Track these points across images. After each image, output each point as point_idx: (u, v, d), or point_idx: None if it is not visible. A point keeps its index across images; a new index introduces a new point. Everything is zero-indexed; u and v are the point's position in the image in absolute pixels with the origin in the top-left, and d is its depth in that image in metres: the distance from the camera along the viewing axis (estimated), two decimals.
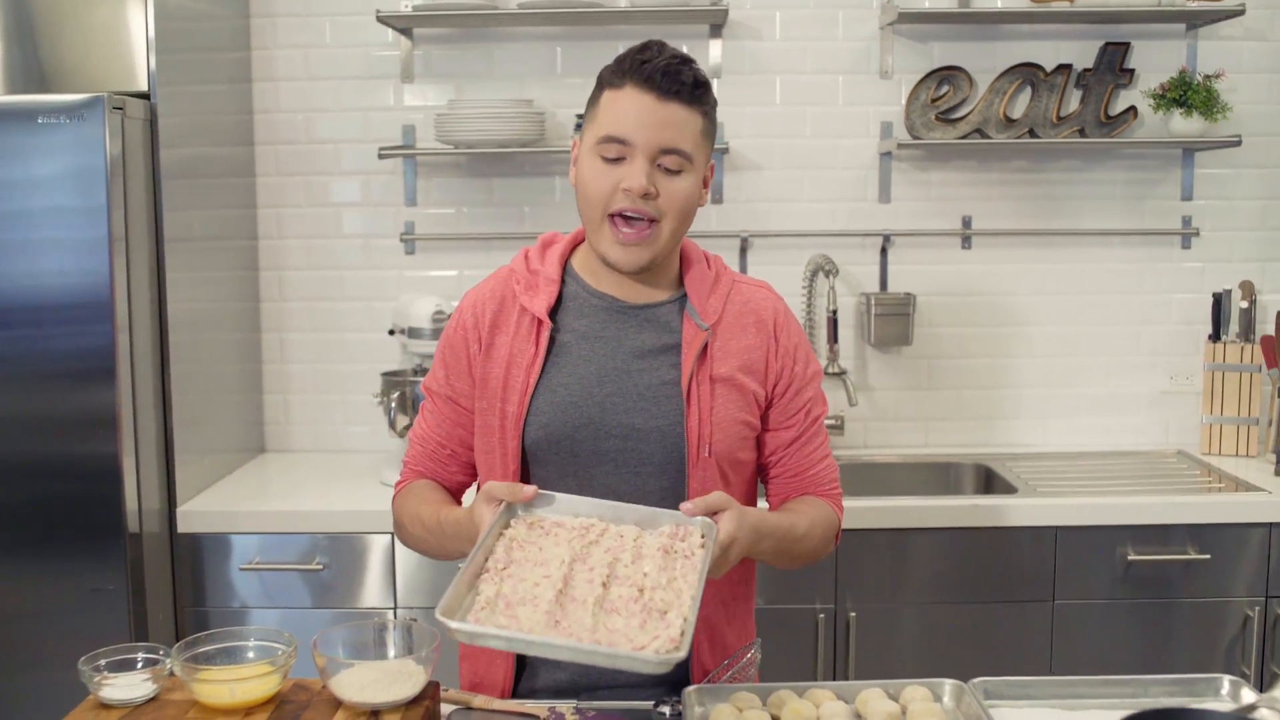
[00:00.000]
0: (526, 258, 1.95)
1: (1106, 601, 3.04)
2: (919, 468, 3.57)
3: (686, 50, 3.28)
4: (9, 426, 2.85)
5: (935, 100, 3.51)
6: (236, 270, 3.54)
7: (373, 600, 3.05)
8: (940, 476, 3.56)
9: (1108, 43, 3.49)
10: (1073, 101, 3.52)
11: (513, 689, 1.91)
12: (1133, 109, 3.49)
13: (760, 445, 1.94)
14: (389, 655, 1.71)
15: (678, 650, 1.43)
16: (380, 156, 3.51)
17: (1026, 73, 3.49)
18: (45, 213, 2.80)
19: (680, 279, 1.93)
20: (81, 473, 2.86)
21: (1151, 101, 3.44)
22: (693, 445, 1.83)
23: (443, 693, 1.75)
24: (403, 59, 3.57)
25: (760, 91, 3.57)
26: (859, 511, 3.02)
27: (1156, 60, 3.53)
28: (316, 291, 3.67)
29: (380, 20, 3.40)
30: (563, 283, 1.92)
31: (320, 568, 3.04)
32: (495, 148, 3.39)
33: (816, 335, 3.55)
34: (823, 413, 1.97)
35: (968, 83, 3.51)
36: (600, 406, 1.84)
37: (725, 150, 3.53)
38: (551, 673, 1.91)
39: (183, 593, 3.08)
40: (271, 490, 3.34)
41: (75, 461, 2.85)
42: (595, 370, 1.85)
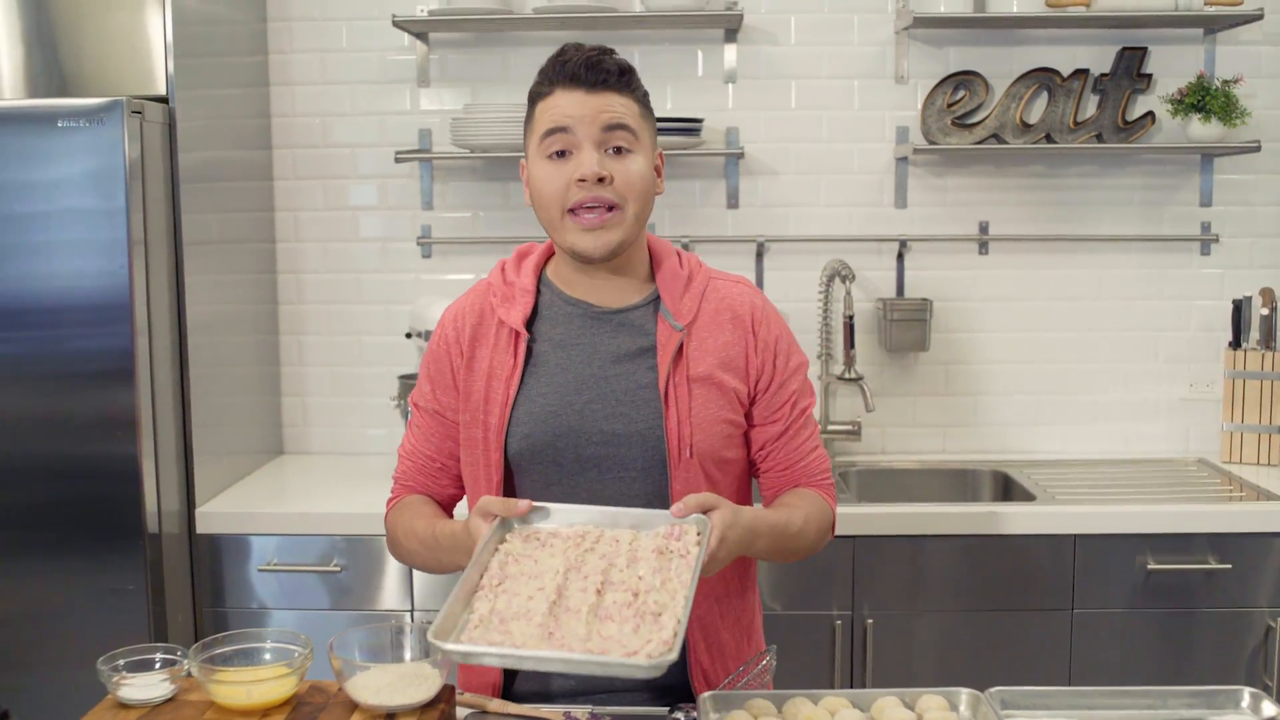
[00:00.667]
0: (503, 270, 1.96)
1: (1126, 611, 3.03)
2: (936, 474, 3.56)
3: (701, 56, 3.27)
4: (29, 427, 2.86)
5: (951, 105, 3.51)
6: (254, 273, 3.55)
7: (390, 603, 3.05)
8: (958, 483, 3.55)
9: (1125, 47, 3.48)
10: (1090, 107, 3.51)
11: (504, 688, 1.93)
12: (1150, 114, 3.48)
13: (748, 441, 1.94)
14: (405, 658, 1.71)
15: (670, 653, 1.44)
16: (397, 160, 3.52)
17: (1043, 78, 3.48)
18: (65, 215, 2.81)
19: (653, 279, 1.93)
20: (101, 474, 2.87)
21: (1169, 107, 3.43)
22: (673, 447, 1.83)
23: (458, 696, 1.75)
24: (419, 63, 3.58)
25: (775, 96, 3.57)
26: (876, 518, 3.02)
27: (1174, 65, 3.52)
28: (334, 294, 3.68)
29: (396, 25, 3.41)
30: (539, 293, 1.93)
31: (338, 569, 3.04)
32: (511, 151, 3.40)
33: (833, 341, 3.54)
34: (810, 404, 1.96)
35: (984, 88, 3.51)
36: (580, 414, 1.85)
37: (740, 155, 3.53)
38: (547, 678, 1.92)
39: (201, 593, 3.09)
40: (289, 492, 3.35)
41: (94, 462, 2.87)
42: (574, 378, 1.86)
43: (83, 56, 3.06)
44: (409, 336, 3.41)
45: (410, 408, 2.01)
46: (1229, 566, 3.01)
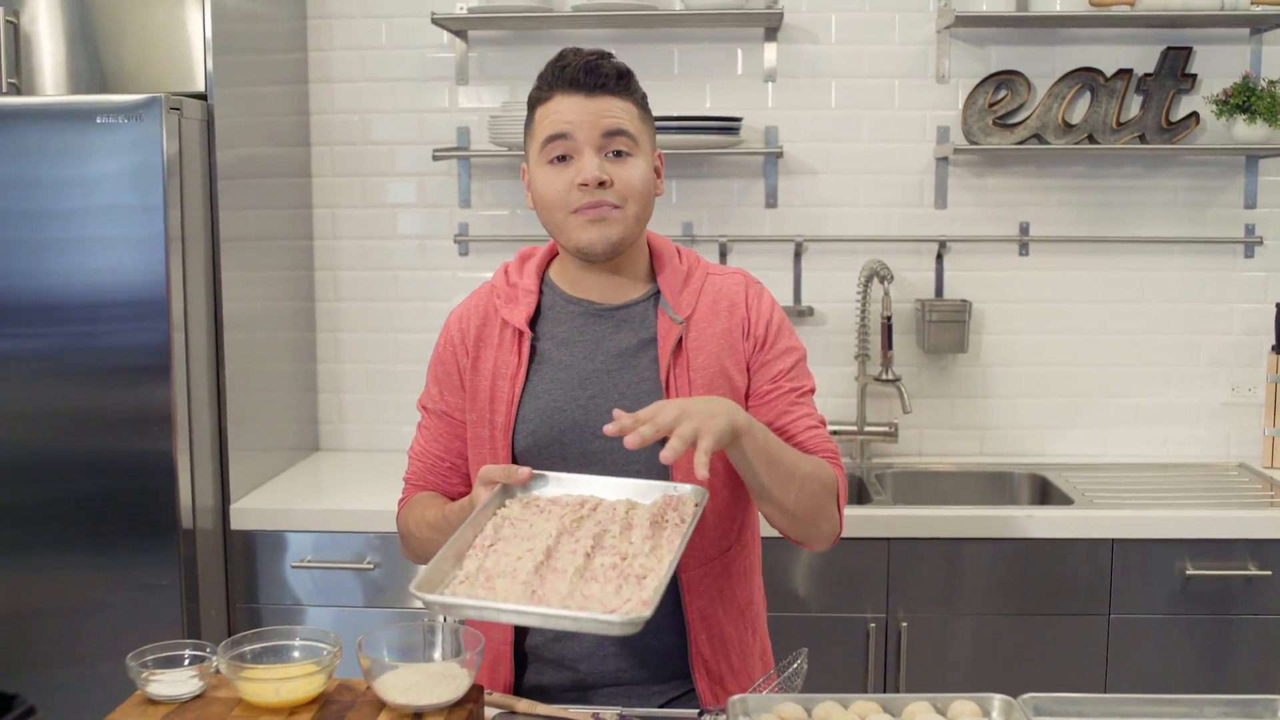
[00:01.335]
0: (506, 272, 2.01)
1: (1164, 617, 2.99)
2: (973, 477, 3.53)
3: (741, 55, 3.26)
4: (66, 422, 2.88)
5: (993, 105, 3.47)
6: (292, 270, 3.56)
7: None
8: (995, 486, 3.52)
9: (1169, 47, 3.44)
10: (1133, 107, 3.47)
11: (514, 688, 1.95)
12: (1195, 115, 3.44)
13: None
14: (434, 657, 1.71)
15: (645, 609, 1.45)
16: (435, 158, 3.53)
17: (1086, 77, 3.45)
18: (103, 211, 2.83)
19: (652, 276, 1.96)
20: (136, 469, 2.89)
21: (1214, 107, 3.38)
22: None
23: (486, 696, 1.75)
24: (458, 61, 3.58)
25: (815, 95, 3.55)
26: (912, 520, 2.99)
27: (1219, 65, 3.47)
28: (371, 292, 3.69)
29: (435, 22, 3.41)
30: (541, 293, 1.96)
31: (371, 567, 3.05)
32: None
33: (871, 342, 3.52)
34: (807, 388, 1.95)
35: (1026, 87, 3.47)
36: (584, 409, 1.87)
37: (780, 154, 3.51)
38: (554, 673, 1.94)
39: (235, 589, 3.11)
40: (324, 489, 3.36)
41: (130, 458, 2.88)
42: (577, 374, 1.89)
43: (123, 53, 3.08)
44: None
45: (419, 410, 2.05)
46: (1269, 573, 2.97)
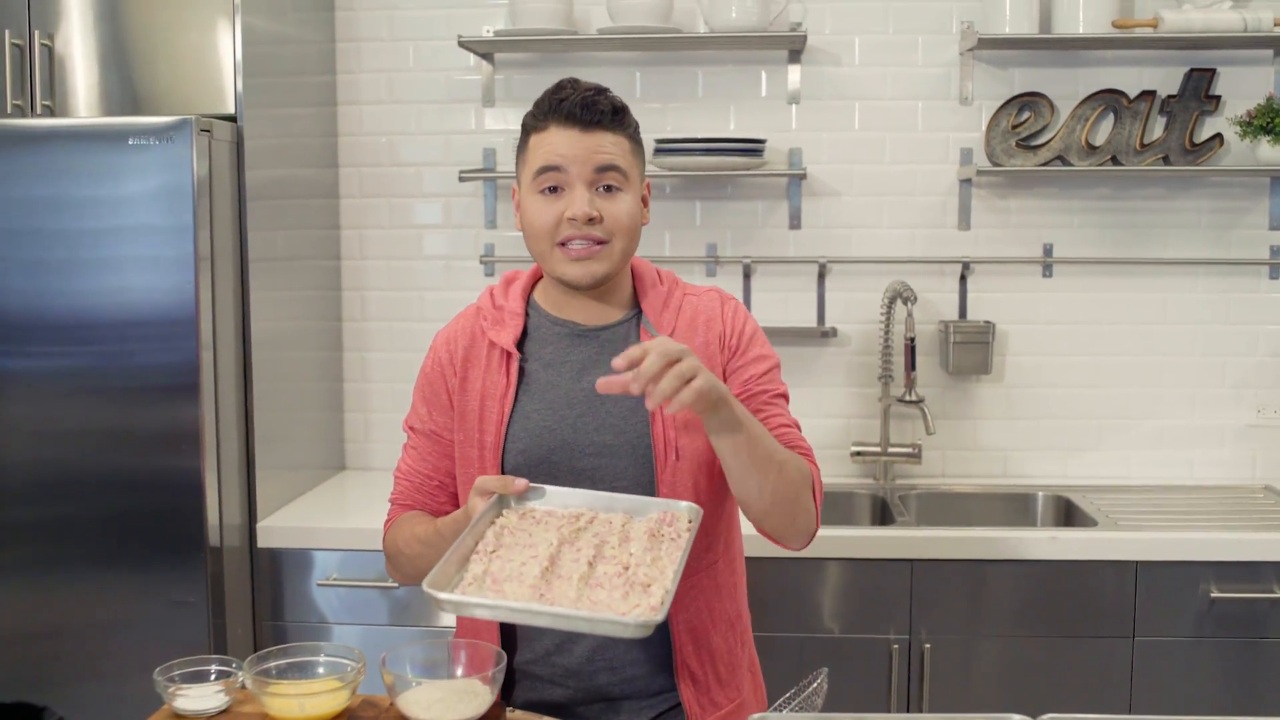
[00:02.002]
0: (492, 295, 2.05)
1: (1188, 640, 2.98)
2: (997, 498, 3.53)
3: (765, 77, 3.30)
4: (95, 440, 2.91)
5: (1016, 127, 3.48)
6: (319, 289, 3.60)
7: (448, 619, 3.07)
8: (1019, 508, 3.51)
9: (1193, 69, 3.44)
10: (1156, 129, 3.47)
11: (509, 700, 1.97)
12: (1219, 136, 3.44)
13: None
14: (457, 674, 1.73)
15: (656, 615, 1.50)
16: (461, 179, 3.56)
17: (1109, 99, 3.45)
18: (134, 231, 2.86)
19: (634, 298, 2.01)
20: (164, 486, 2.91)
21: (1238, 129, 3.38)
22: (659, 452, 1.89)
23: (509, 713, 1.76)
24: (484, 83, 3.61)
25: (839, 117, 3.57)
26: (935, 542, 2.99)
27: (1243, 87, 3.47)
28: (397, 312, 3.72)
29: (462, 45, 3.45)
30: (527, 315, 2.01)
31: (397, 586, 3.06)
32: None
33: (894, 363, 3.52)
34: (778, 391, 1.99)
35: (1049, 109, 3.48)
36: (573, 428, 1.91)
37: (803, 176, 3.52)
38: (546, 689, 1.96)
39: (261, 607, 3.13)
40: (350, 507, 3.38)
41: (158, 475, 2.91)
42: (564, 394, 1.93)
43: (155, 76, 3.12)
44: None
45: (405, 431, 2.09)
46: None
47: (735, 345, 1.97)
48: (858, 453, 3.56)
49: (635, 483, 1.90)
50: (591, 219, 1.86)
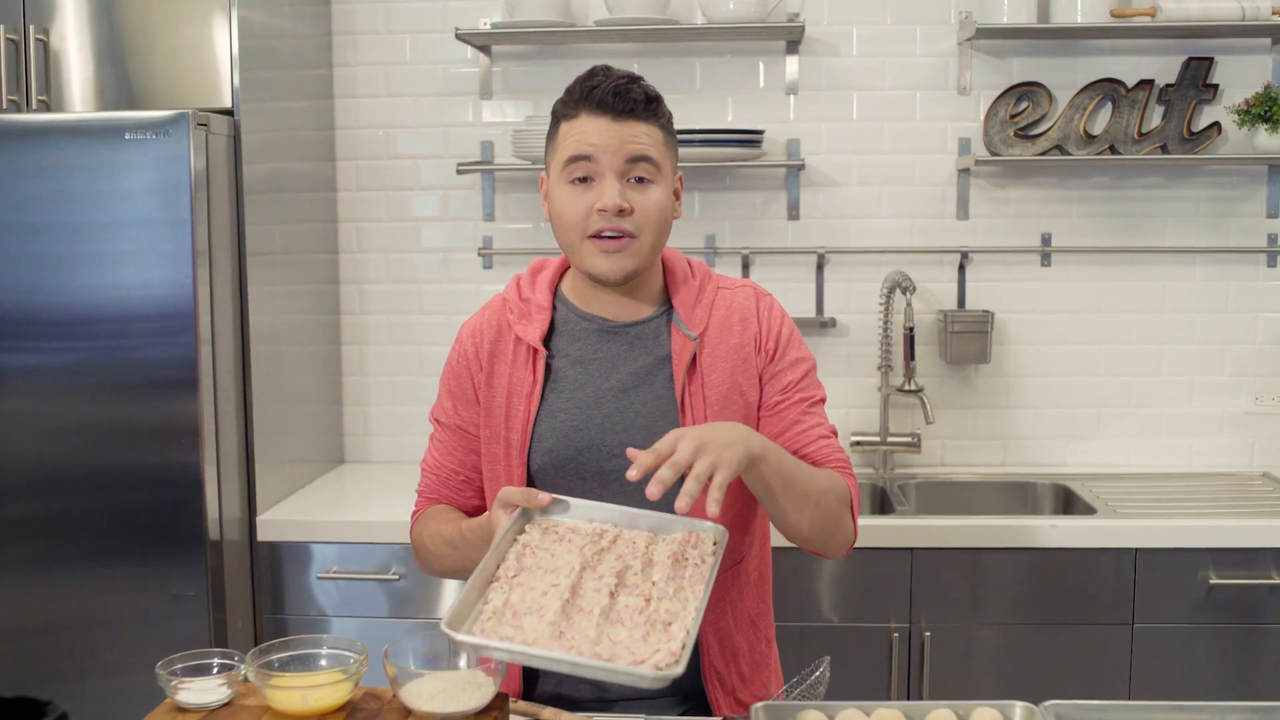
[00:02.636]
0: (519, 286, 2.00)
1: (1187, 626, 2.99)
2: (996, 487, 3.53)
3: (763, 67, 3.29)
4: (94, 435, 2.91)
5: (1014, 116, 3.48)
6: (317, 283, 3.59)
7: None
8: (1018, 496, 3.52)
9: (1191, 58, 3.44)
10: (1154, 117, 3.47)
11: (524, 693, 1.96)
12: (1216, 125, 3.43)
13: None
14: (459, 665, 1.72)
15: (676, 665, 1.47)
16: (459, 172, 3.55)
17: (1107, 88, 3.45)
18: (131, 225, 2.86)
19: (665, 292, 1.96)
20: (164, 481, 2.91)
21: (1236, 117, 3.38)
22: None
23: (512, 704, 1.76)
24: (481, 76, 3.61)
25: (837, 108, 3.56)
26: (935, 530, 3.00)
27: (1241, 75, 3.47)
28: (395, 305, 3.71)
29: (459, 38, 3.44)
30: (554, 309, 1.96)
31: (397, 578, 3.07)
32: None
33: (893, 353, 3.53)
34: (817, 397, 1.95)
35: (1047, 99, 3.48)
36: (600, 428, 1.88)
37: (801, 166, 3.52)
38: (572, 686, 1.94)
39: (262, 600, 3.13)
40: (350, 500, 3.38)
41: (158, 470, 2.91)
42: (592, 393, 1.89)
43: (151, 70, 3.11)
44: None
45: (430, 422, 2.05)
46: None
47: (773, 349, 1.92)
48: (857, 442, 3.56)
49: None
50: (622, 210, 1.81)
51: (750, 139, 3.42)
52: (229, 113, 3.05)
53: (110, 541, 2.92)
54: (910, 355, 3.45)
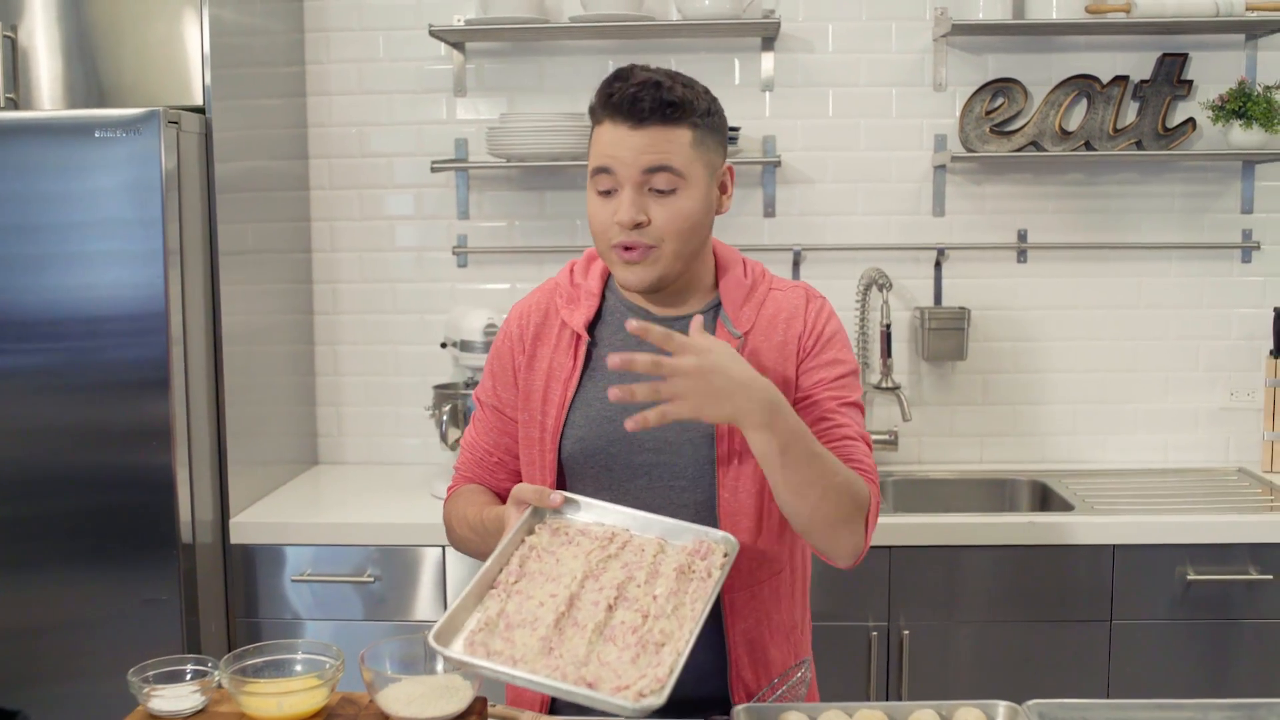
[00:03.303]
0: (571, 271, 1.98)
1: (1166, 622, 2.99)
2: (974, 484, 3.53)
3: (738, 64, 3.24)
4: (64, 437, 2.87)
5: (990, 113, 3.48)
6: (290, 283, 3.56)
7: (424, 613, 3.05)
8: (995, 493, 3.51)
9: (1165, 54, 3.44)
10: (1130, 113, 3.47)
11: (551, 702, 1.91)
12: (1191, 121, 3.44)
13: None
14: (437, 670, 1.70)
15: (659, 693, 1.45)
16: (433, 170, 3.53)
17: (1082, 84, 3.45)
18: (102, 225, 2.83)
19: (716, 286, 1.92)
20: (135, 483, 2.88)
21: (1210, 113, 3.39)
22: (722, 454, 1.83)
23: (490, 708, 1.74)
24: (455, 73, 3.58)
25: (813, 104, 3.55)
26: (912, 528, 2.99)
27: (1215, 71, 3.48)
28: (369, 304, 3.69)
29: (433, 34, 3.42)
30: (604, 297, 1.94)
31: (372, 580, 3.04)
32: (547, 161, 3.39)
33: (870, 350, 3.52)
34: (849, 399, 1.88)
35: (1023, 95, 3.48)
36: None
37: (777, 163, 3.51)
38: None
39: (235, 604, 3.10)
40: (324, 502, 3.36)
41: (129, 472, 2.88)
42: (630, 384, 1.83)
43: (121, 67, 3.08)
44: (444, 346, 3.42)
45: (474, 402, 2.03)
46: (1270, 577, 2.97)
47: (811, 347, 1.87)
48: None
49: (694, 483, 1.84)
50: (638, 224, 1.76)
51: (726, 136, 3.40)
52: (200, 110, 3.02)
53: (81, 545, 2.89)
54: (887, 352, 3.45)
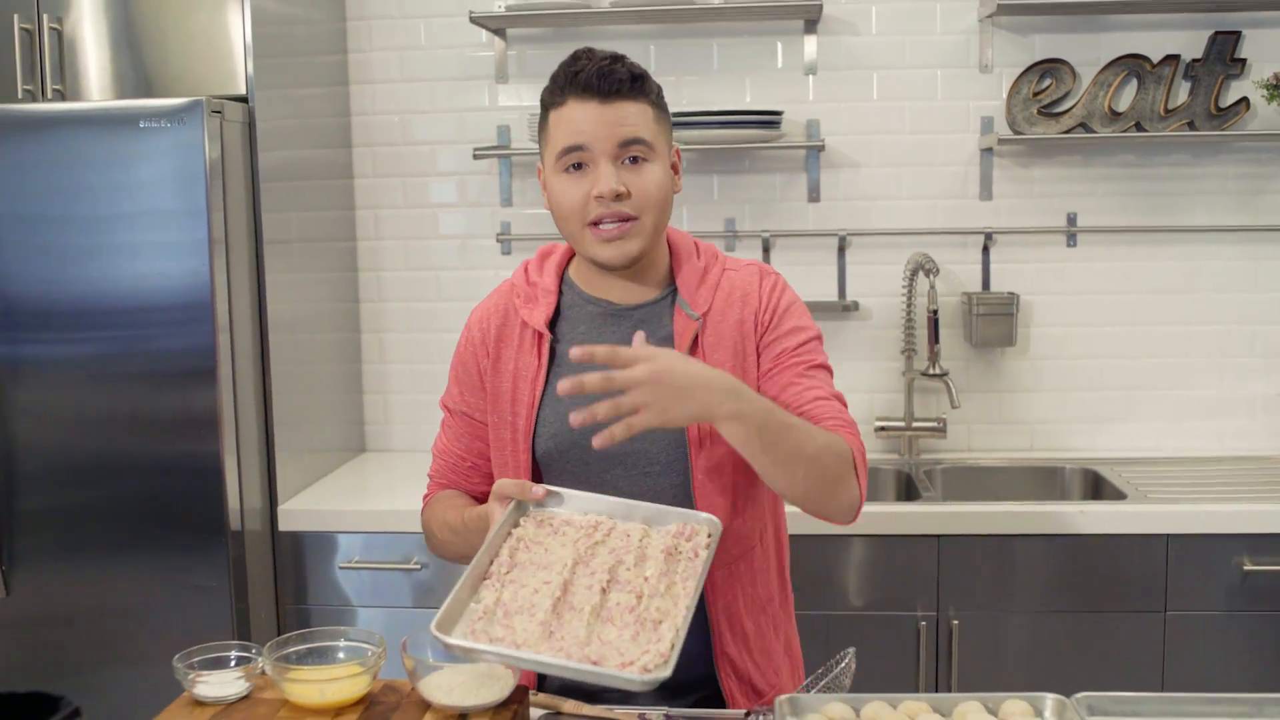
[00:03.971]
0: (526, 271, 2.00)
1: (1222, 613, 2.94)
2: (1024, 472, 3.48)
3: (781, 47, 3.24)
4: (114, 426, 2.90)
5: (1037, 94, 3.43)
6: (335, 271, 3.57)
7: None
8: (1046, 481, 3.47)
9: (1217, 32, 3.38)
10: (1181, 93, 3.41)
11: (539, 681, 1.94)
12: (1245, 100, 3.38)
13: None
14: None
15: (664, 667, 1.47)
16: (475, 157, 3.52)
17: (1132, 64, 3.39)
18: (148, 215, 2.84)
19: (671, 275, 1.95)
20: (183, 471, 2.90)
21: (1264, 92, 3.32)
22: (693, 435, 1.85)
23: (531, 696, 1.73)
24: (497, 59, 3.58)
25: (857, 88, 3.52)
26: (961, 517, 2.96)
27: (1270, 49, 3.41)
28: (414, 292, 3.69)
29: (474, 21, 3.41)
30: (561, 293, 1.96)
31: (419, 567, 3.05)
32: None
33: (916, 336, 3.48)
34: (816, 362, 1.90)
35: (1071, 75, 3.42)
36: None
37: (821, 147, 3.48)
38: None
39: (284, 590, 3.11)
40: (371, 489, 3.36)
41: (177, 460, 2.90)
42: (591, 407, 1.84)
43: (166, 58, 3.09)
44: None
45: (440, 408, 2.06)
46: None
47: (769, 321, 1.90)
48: (882, 427, 3.52)
49: (668, 468, 1.87)
50: (619, 195, 1.80)
51: (769, 120, 3.38)
52: (243, 99, 3.03)
53: (131, 532, 2.91)
54: (934, 339, 3.41)
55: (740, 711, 1.77)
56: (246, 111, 3.02)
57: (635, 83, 1.82)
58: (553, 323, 1.94)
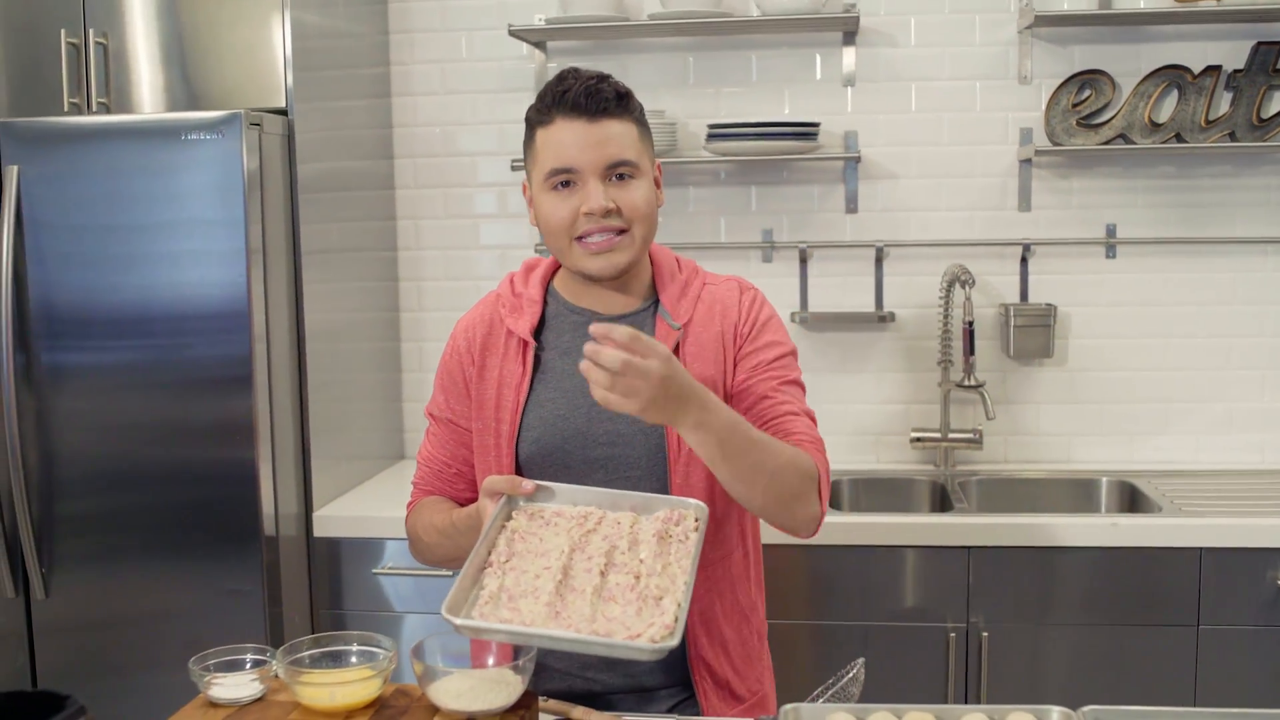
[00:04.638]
0: (511, 282, 2.06)
1: (1255, 628, 2.90)
2: (1059, 484, 3.46)
3: (819, 59, 3.26)
4: (151, 432, 2.95)
5: (1076, 105, 3.41)
6: (375, 281, 3.62)
7: None
8: (1081, 494, 3.45)
9: (1260, 42, 3.34)
10: (1222, 104, 3.38)
11: None
12: None
13: None
14: (488, 663, 1.72)
15: (671, 637, 1.51)
16: (514, 168, 3.56)
17: (1172, 75, 3.37)
18: (189, 225, 2.90)
19: (654, 288, 1.99)
20: (220, 477, 2.95)
21: None
22: (672, 443, 1.89)
23: (541, 703, 1.75)
24: (537, 71, 3.61)
25: (895, 99, 3.51)
26: (996, 528, 2.95)
27: None
28: (454, 302, 3.72)
29: (513, 34, 3.45)
30: (545, 303, 2.00)
31: (452, 575, 3.07)
32: None
33: (953, 347, 3.47)
34: (789, 378, 1.94)
35: (1110, 86, 3.40)
36: (586, 417, 1.91)
37: (859, 159, 3.48)
38: (560, 682, 1.97)
39: (319, 596, 3.15)
40: (407, 497, 3.38)
41: (214, 466, 2.95)
42: (579, 383, 1.88)
43: (210, 71, 3.15)
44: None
45: (426, 417, 2.10)
46: None
47: (747, 332, 1.95)
48: (917, 438, 3.51)
49: (648, 472, 1.90)
50: (609, 211, 1.85)
51: (807, 131, 3.39)
52: (284, 112, 3.08)
53: (167, 537, 2.97)
54: (970, 350, 3.39)
55: None
56: (286, 123, 3.07)
57: (620, 101, 1.88)
58: (538, 332, 1.98)
